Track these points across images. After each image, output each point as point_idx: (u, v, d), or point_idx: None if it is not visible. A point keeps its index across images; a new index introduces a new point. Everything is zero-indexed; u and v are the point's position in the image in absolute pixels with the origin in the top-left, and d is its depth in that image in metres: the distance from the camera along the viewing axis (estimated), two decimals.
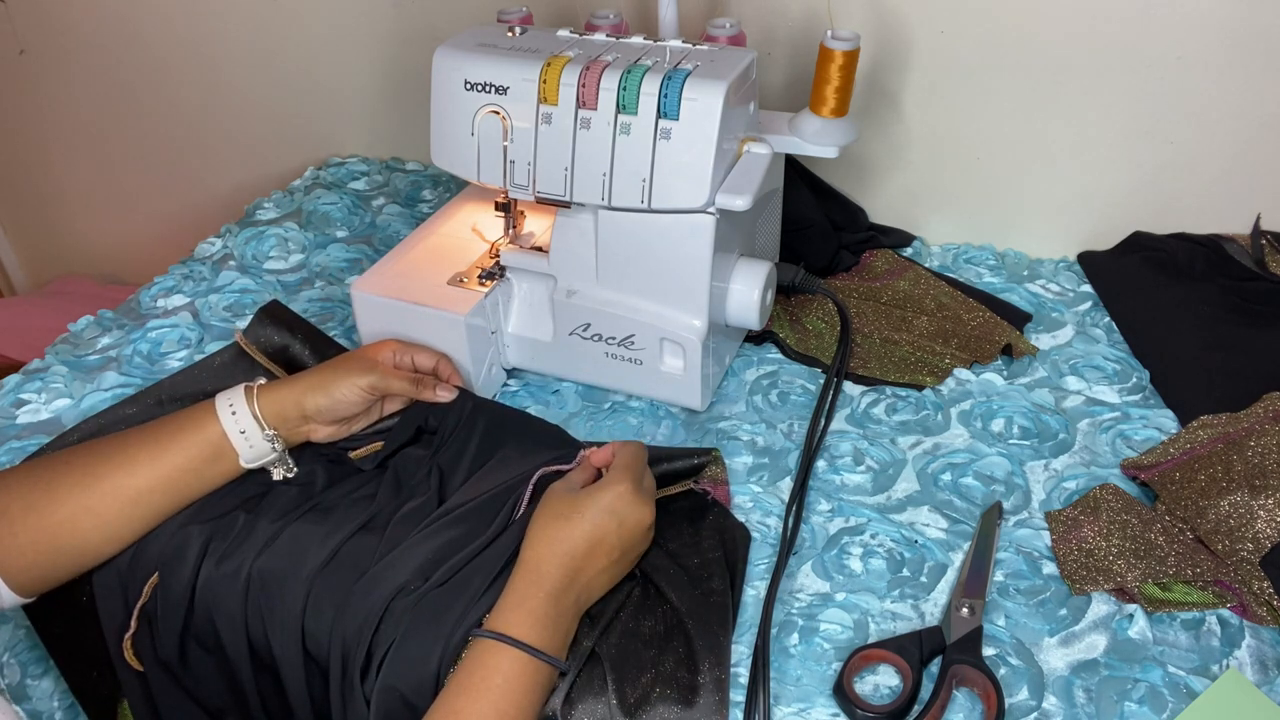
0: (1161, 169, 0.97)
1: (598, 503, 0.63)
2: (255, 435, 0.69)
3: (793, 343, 0.91)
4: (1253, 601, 0.66)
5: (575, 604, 0.62)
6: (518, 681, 0.57)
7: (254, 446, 0.69)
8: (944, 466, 0.79)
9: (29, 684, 0.73)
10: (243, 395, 0.70)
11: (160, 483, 0.66)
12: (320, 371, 0.73)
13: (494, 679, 0.57)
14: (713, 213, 0.74)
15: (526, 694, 0.57)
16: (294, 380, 0.72)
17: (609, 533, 0.62)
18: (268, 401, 0.70)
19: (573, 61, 0.74)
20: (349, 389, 0.72)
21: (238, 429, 0.68)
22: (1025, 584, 0.69)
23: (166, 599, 0.67)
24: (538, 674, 0.58)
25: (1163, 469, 0.76)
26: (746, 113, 0.77)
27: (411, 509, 0.70)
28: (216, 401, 0.69)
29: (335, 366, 0.74)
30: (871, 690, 0.63)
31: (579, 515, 0.62)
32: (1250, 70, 0.90)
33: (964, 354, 0.90)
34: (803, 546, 0.73)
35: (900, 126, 1.02)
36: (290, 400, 0.71)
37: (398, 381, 0.74)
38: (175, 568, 0.67)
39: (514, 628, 0.58)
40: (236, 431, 0.68)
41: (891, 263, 1.01)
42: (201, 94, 1.30)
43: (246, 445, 0.69)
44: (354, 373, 0.72)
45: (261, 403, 0.70)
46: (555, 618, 0.60)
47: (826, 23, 0.96)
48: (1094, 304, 0.97)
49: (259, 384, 0.71)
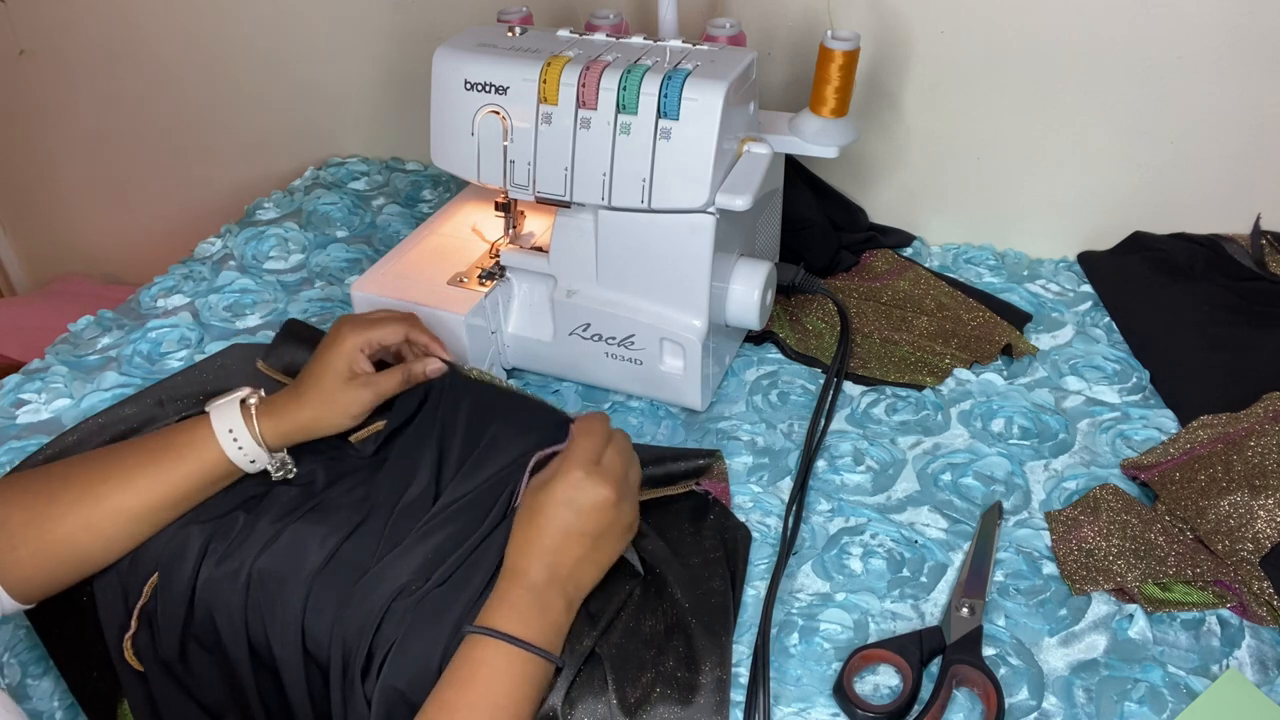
0: (1161, 169, 0.97)
1: (551, 496, 0.62)
2: (259, 455, 0.69)
3: (793, 343, 0.91)
4: (1253, 601, 0.66)
5: (563, 596, 0.61)
6: (506, 673, 0.57)
7: (256, 462, 0.69)
8: (944, 466, 0.79)
9: (29, 684, 0.73)
10: (240, 419, 0.68)
11: (160, 501, 0.66)
12: (315, 392, 0.71)
13: (481, 671, 0.57)
14: (713, 213, 0.74)
15: (517, 685, 0.57)
16: (294, 402, 0.71)
17: (569, 523, 0.62)
18: (270, 425, 0.69)
19: (573, 61, 0.74)
20: (351, 409, 0.71)
21: (241, 454, 0.68)
22: (1025, 584, 0.69)
23: (166, 599, 0.67)
24: (526, 666, 0.58)
25: (1163, 469, 0.76)
26: (746, 113, 0.77)
27: (409, 502, 0.70)
28: (214, 423, 0.67)
29: (324, 387, 0.71)
30: (871, 690, 0.63)
31: (540, 513, 0.62)
32: (1250, 70, 0.90)
33: (964, 354, 0.90)
34: (803, 546, 0.73)
35: (900, 126, 1.02)
36: (295, 425, 0.70)
37: (392, 383, 0.73)
38: (175, 568, 0.67)
39: (497, 622, 0.59)
40: (240, 456, 0.68)
41: (891, 263, 1.01)
42: (202, 94, 1.30)
43: (249, 462, 0.69)
44: (350, 391, 0.71)
45: (263, 426, 0.69)
46: (540, 610, 0.60)
47: (826, 23, 0.96)
48: (1094, 304, 0.97)
49: (254, 403, 0.69)
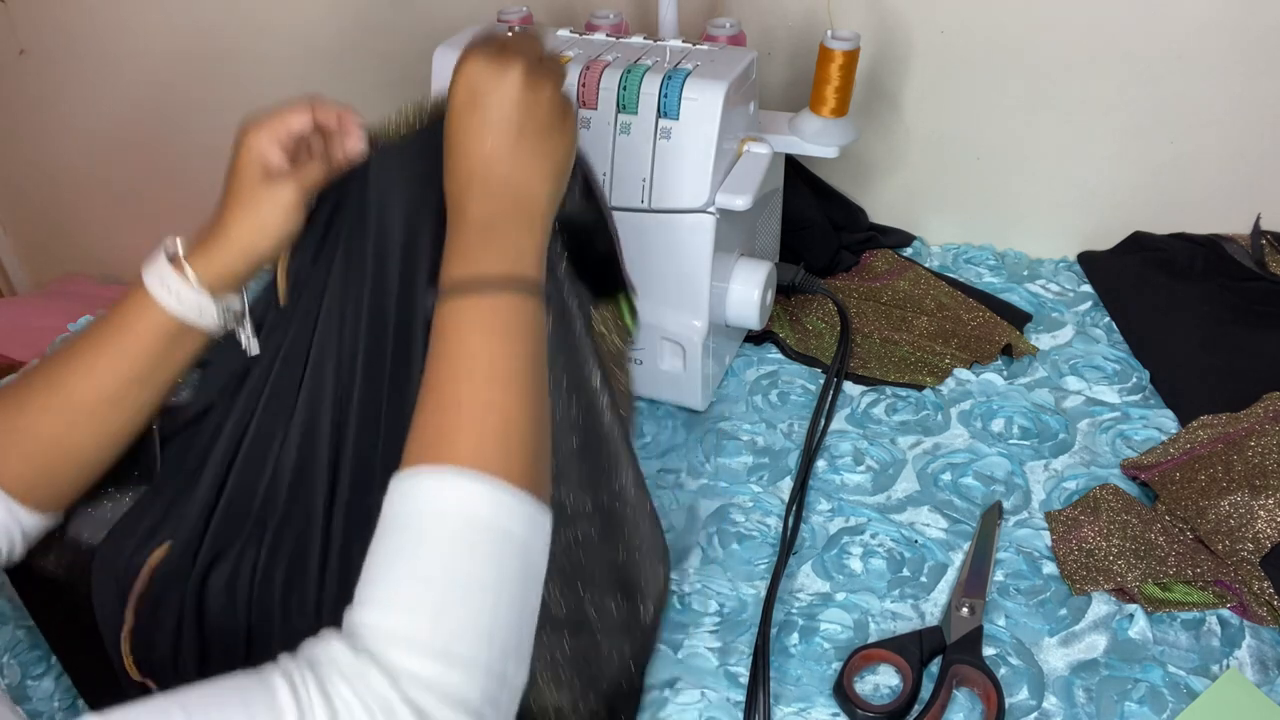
0: (1161, 169, 0.97)
1: (456, 108, 0.55)
2: (202, 303, 0.61)
3: (793, 343, 0.92)
4: (1253, 601, 0.66)
5: (515, 211, 0.54)
6: (481, 323, 0.51)
7: (203, 312, 0.61)
8: (944, 466, 0.79)
9: (29, 684, 0.73)
10: (170, 269, 0.60)
11: (125, 378, 0.61)
12: (234, 206, 0.62)
13: (453, 335, 0.51)
14: (713, 212, 0.74)
15: (502, 329, 0.51)
16: (217, 229, 0.61)
17: (483, 123, 0.54)
18: (203, 264, 0.60)
19: (573, 61, 0.74)
20: (278, 215, 0.61)
21: (182, 305, 0.60)
22: (1025, 584, 0.69)
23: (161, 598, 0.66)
24: (497, 305, 0.52)
25: (1163, 469, 0.76)
26: (746, 113, 0.77)
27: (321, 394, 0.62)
28: (146, 282, 0.60)
29: (242, 198, 0.61)
30: (872, 690, 0.63)
31: (453, 138, 0.55)
32: (1250, 70, 0.90)
33: (964, 354, 0.90)
34: (803, 546, 0.73)
35: (900, 126, 1.02)
36: (228, 255, 0.61)
37: (314, 174, 0.62)
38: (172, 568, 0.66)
39: (453, 274, 0.52)
40: (181, 308, 0.60)
41: (891, 263, 1.01)
42: (202, 93, 1.30)
43: (197, 314, 0.61)
44: (270, 191, 0.61)
45: (197, 268, 0.60)
46: (493, 239, 0.53)
47: (826, 23, 0.96)
48: (1094, 304, 0.97)
49: (179, 249, 0.61)
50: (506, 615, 0.47)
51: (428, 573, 0.46)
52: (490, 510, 0.48)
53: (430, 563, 0.46)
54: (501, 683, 0.46)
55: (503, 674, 0.46)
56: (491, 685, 0.45)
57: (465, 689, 0.44)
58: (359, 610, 0.46)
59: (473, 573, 0.46)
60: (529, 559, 0.49)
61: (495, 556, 0.47)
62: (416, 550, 0.47)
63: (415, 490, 0.49)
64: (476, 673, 0.45)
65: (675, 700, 0.63)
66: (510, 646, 0.47)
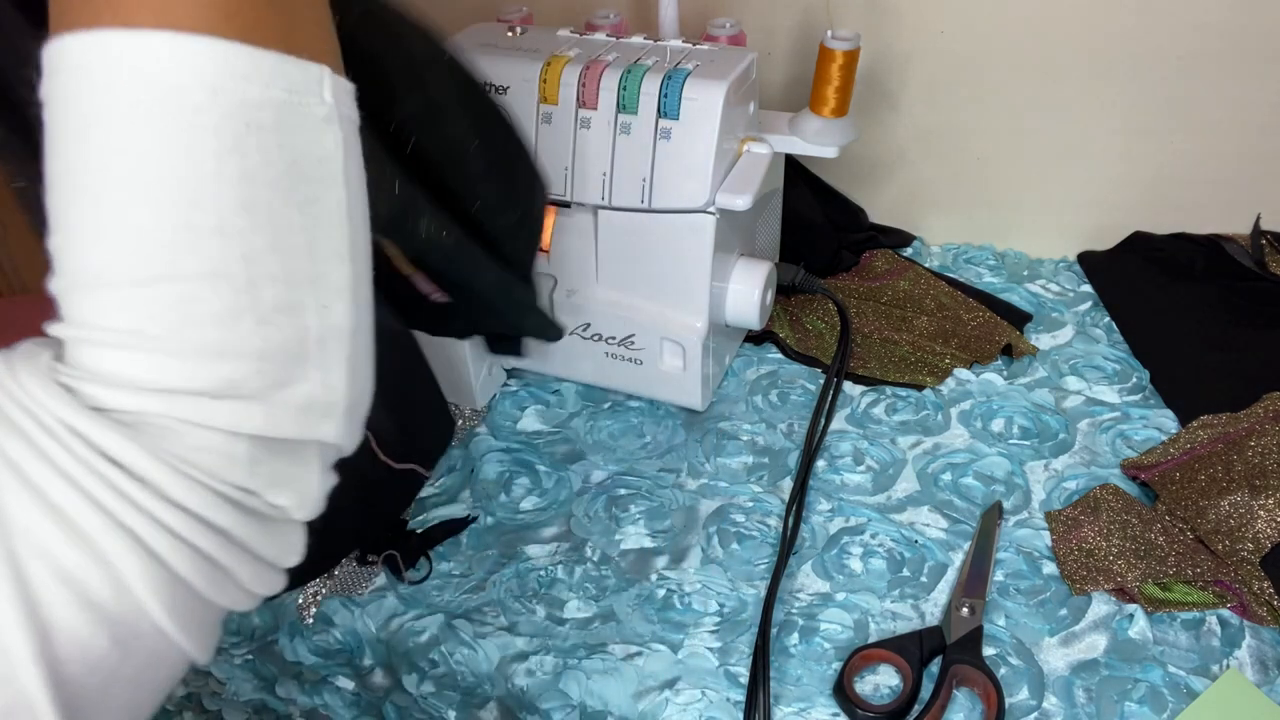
0: (1161, 169, 0.97)
1: None
2: None
3: (793, 343, 0.92)
4: (1253, 601, 0.66)
5: None
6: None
7: None
8: (944, 466, 0.79)
9: None
10: None
11: None
12: None
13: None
14: (713, 212, 0.74)
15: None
16: None
17: None
18: None
19: (573, 61, 0.74)
20: None
21: None
22: (1025, 584, 0.69)
23: None
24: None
25: (1163, 469, 0.76)
26: (746, 113, 0.77)
27: None
28: None
29: None
30: (872, 690, 0.63)
31: None
32: (1250, 70, 0.90)
33: (964, 354, 0.90)
34: (803, 546, 0.73)
35: (900, 126, 1.02)
36: None
37: None
38: None
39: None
40: None
41: (891, 263, 1.01)
42: None
43: None
44: None
45: None
46: None
47: (826, 23, 0.96)
48: (1094, 304, 0.97)
49: None
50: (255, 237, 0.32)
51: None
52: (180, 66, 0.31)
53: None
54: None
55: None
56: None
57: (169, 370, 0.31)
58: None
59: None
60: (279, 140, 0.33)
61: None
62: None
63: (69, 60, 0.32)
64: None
65: (675, 700, 0.63)
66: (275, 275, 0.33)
